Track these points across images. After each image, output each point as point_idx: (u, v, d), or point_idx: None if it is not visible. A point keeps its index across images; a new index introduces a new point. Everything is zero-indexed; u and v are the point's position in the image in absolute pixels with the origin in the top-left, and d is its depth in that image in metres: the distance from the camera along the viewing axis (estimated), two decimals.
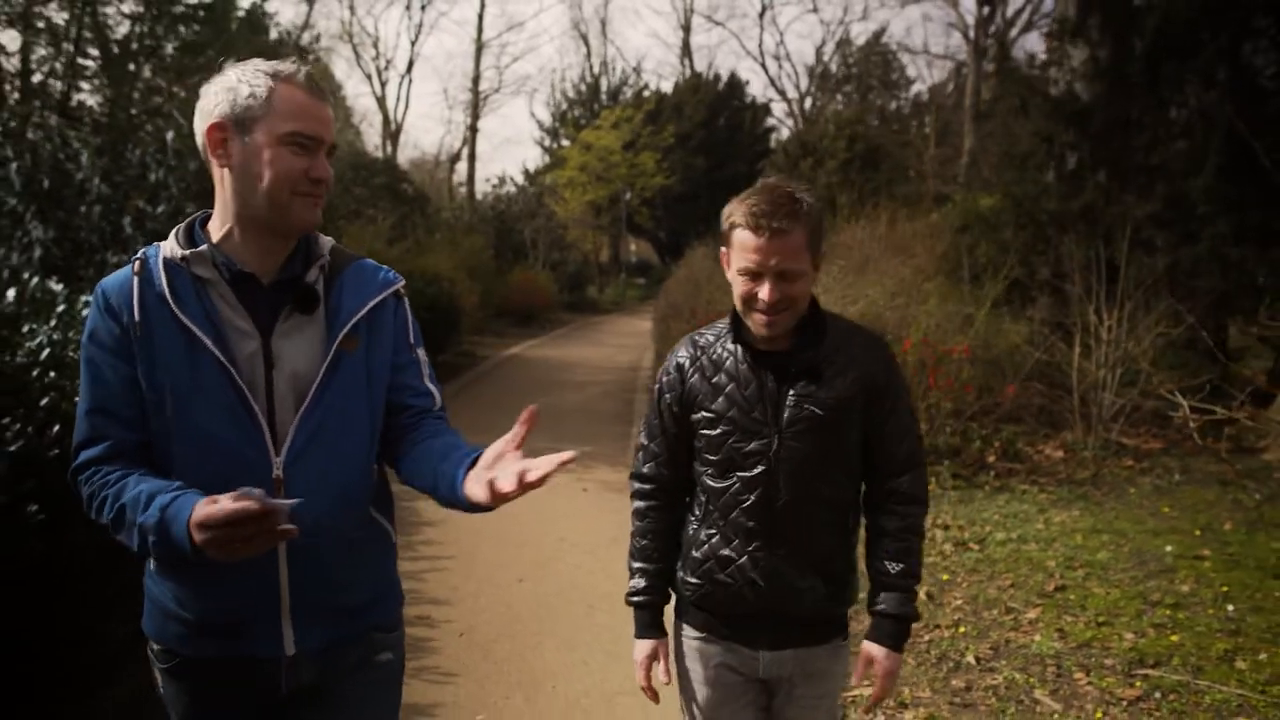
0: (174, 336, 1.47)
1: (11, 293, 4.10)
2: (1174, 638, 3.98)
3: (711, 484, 1.88)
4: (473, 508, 1.42)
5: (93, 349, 1.51)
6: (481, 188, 34.40)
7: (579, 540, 5.48)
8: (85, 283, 5.58)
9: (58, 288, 4.60)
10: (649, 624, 1.98)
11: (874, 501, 1.92)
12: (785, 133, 36.58)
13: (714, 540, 1.88)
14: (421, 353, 1.72)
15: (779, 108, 47.73)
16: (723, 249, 1.86)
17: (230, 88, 1.48)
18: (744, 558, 1.84)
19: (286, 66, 1.52)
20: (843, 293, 7.40)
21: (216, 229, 1.55)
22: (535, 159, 45.56)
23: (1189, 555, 5.05)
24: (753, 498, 1.82)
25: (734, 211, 1.80)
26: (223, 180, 1.51)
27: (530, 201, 28.23)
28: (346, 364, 1.56)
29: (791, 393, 1.81)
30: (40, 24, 10.14)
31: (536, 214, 27.21)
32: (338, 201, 12.14)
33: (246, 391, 1.48)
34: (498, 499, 1.33)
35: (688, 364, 1.93)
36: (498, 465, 1.38)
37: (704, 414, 1.87)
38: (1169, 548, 5.17)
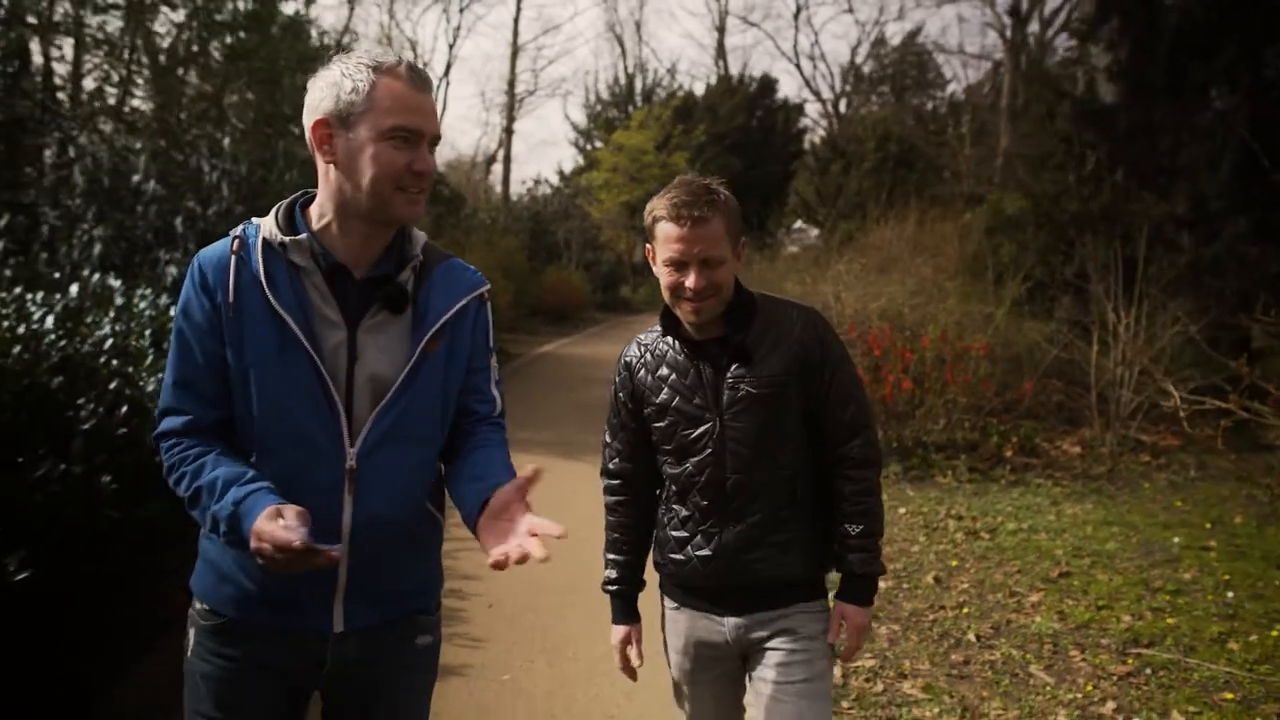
0: (265, 320, 1.49)
1: (74, 288, 4.45)
2: (1170, 620, 4.14)
3: (670, 470, 1.97)
4: None
5: (184, 323, 1.53)
6: (517, 189, 34.83)
7: (602, 525, 5.73)
8: (140, 279, 5.94)
9: (115, 283, 4.94)
10: (622, 610, 2.08)
11: (828, 469, 1.97)
12: (820, 134, 36.58)
13: (672, 522, 1.99)
14: (494, 359, 1.75)
15: (814, 108, 47.65)
16: (647, 245, 1.95)
17: (334, 83, 1.48)
18: (697, 535, 1.94)
19: (388, 59, 1.51)
20: (863, 290, 7.58)
21: (316, 218, 1.56)
22: (570, 160, 45.94)
23: (1196, 546, 5.19)
24: (703, 479, 1.91)
25: (655, 206, 1.89)
26: (327, 175, 1.52)
27: (564, 203, 28.58)
28: (428, 364, 1.58)
29: (728, 376, 1.89)
30: (98, 35, 10.58)
31: (570, 215, 27.56)
32: None
33: (329, 381, 1.50)
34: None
35: (634, 361, 2.02)
36: (504, 515, 1.45)
37: (652, 407, 1.96)
38: (1176, 539, 5.31)
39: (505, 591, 4.49)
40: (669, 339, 1.97)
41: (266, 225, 1.54)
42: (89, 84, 11.91)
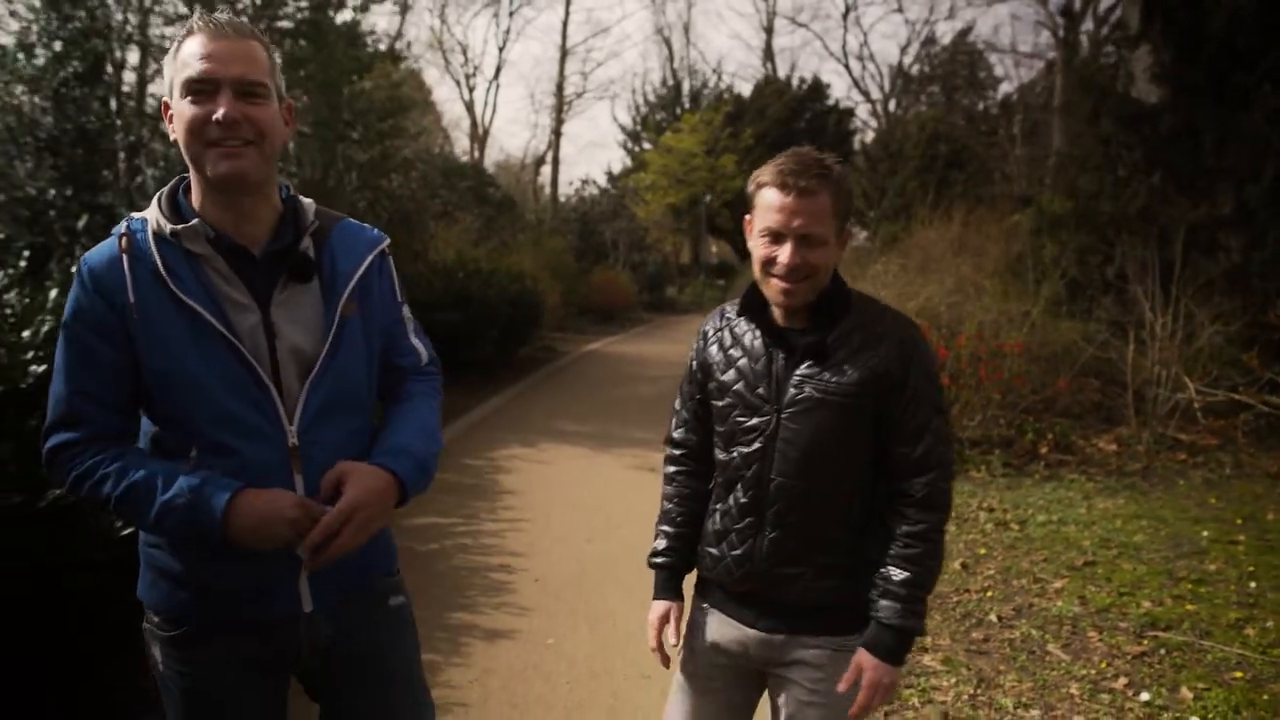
0: (173, 315, 1.44)
1: None
2: (1190, 607, 4.28)
3: (720, 456, 1.87)
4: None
5: (78, 329, 1.45)
6: (565, 190, 35.27)
7: (643, 511, 5.98)
8: None
9: None
10: (664, 585, 1.97)
11: (887, 500, 1.80)
12: (870, 135, 36.46)
13: (714, 514, 1.88)
14: (407, 310, 1.72)
15: (863, 109, 47.48)
16: (746, 216, 1.82)
17: (169, 61, 1.46)
18: (732, 533, 1.83)
19: (198, 19, 1.45)
20: (900, 289, 7.75)
21: (197, 200, 1.51)
22: (618, 162, 46.36)
23: (1224, 540, 5.28)
24: (749, 474, 1.79)
25: (761, 173, 1.76)
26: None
27: (612, 204, 28.94)
28: (347, 329, 1.55)
29: (797, 373, 1.76)
30: (165, 45, 11.09)
31: (618, 215, 27.91)
32: (427, 204, 12.90)
33: (255, 364, 1.46)
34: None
35: (711, 333, 1.93)
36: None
37: (715, 383, 1.87)
38: (1205, 533, 5.41)
39: (550, 568, 4.77)
40: (749, 320, 1.85)
41: (152, 216, 1.48)
42: (160, 88, 12.48)
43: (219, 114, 1.40)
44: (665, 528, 1.99)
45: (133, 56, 11.77)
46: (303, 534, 1.40)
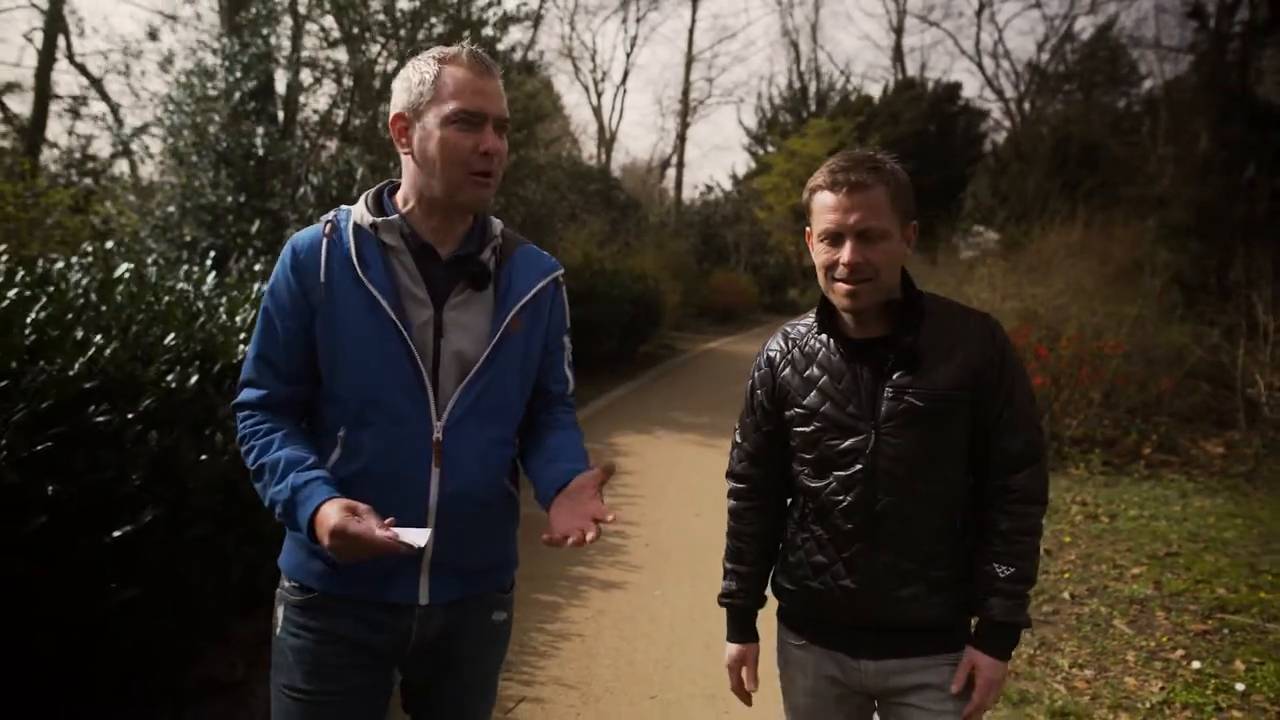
0: (355, 298, 1.54)
1: None
2: (1264, 595, 4.49)
3: (808, 484, 1.77)
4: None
5: (270, 301, 1.59)
6: (689, 193, 35.89)
7: None
8: None
9: None
10: (740, 628, 1.91)
11: (986, 498, 1.74)
12: (1002, 135, 35.54)
13: (808, 545, 1.78)
14: (568, 339, 1.78)
15: (996, 107, 46.18)
16: (807, 229, 1.76)
17: (406, 79, 1.56)
18: (838, 564, 1.73)
19: (452, 49, 1.55)
20: (1004, 291, 7.96)
21: (403, 204, 1.62)
22: (742, 165, 46.69)
23: None
24: (850, 499, 1.69)
25: (814, 179, 1.73)
26: (408, 166, 1.59)
27: (734, 206, 29.38)
28: (510, 343, 1.62)
29: (888, 384, 1.68)
30: (326, 65, 12.21)
31: (741, 218, 28.33)
32: (556, 206, 13.70)
33: (418, 357, 1.54)
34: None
35: (778, 357, 1.83)
36: (579, 496, 1.53)
37: (796, 410, 1.77)
38: None
39: (660, 536, 5.38)
40: (823, 336, 1.77)
41: (357, 210, 1.61)
42: (319, 104, 13.72)
43: (486, 146, 1.53)
44: (737, 567, 1.91)
45: (292, 78, 13.00)
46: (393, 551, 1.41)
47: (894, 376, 1.68)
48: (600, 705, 3.33)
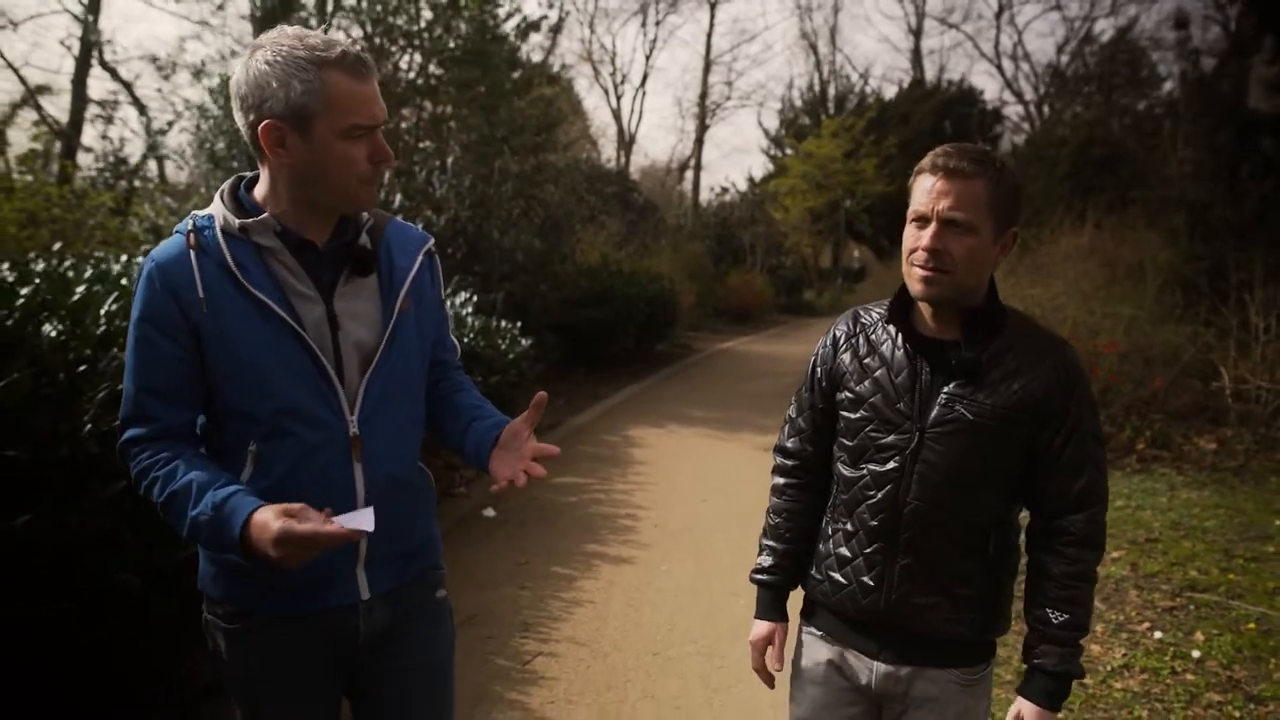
0: (242, 307, 1.47)
1: None
2: (1232, 577, 4.78)
3: (844, 471, 1.76)
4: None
5: (147, 328, 1.48)
6: (707, 195, 36.20)
7: (756, 481, 6.84)
8: None
9: None
10: (769, 605, 1.88)
11: (1039, 537, 1.70)
12: (1021, 138, 35.60)
13: (836, 535, 1.77)
14: (446, 307, 1.78)
15: (1015, 110, 46.21)
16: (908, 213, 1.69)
17: (280, 82, 1.42)
18: (859, 559, 1.72)
19: (329, 50, 1.44)
20: (1002, 292, 8.21)
21: (270, 204, 1.53)
22: (760, 167, 46.99)
23: None
24: (879, 495, 1.68)
25: (921, 163, 1.66)
26: (279, 172, 1.49)
27: (750, 208, 29.71)
28: (404, 323, 1.60)
29: (945, 389, 1.64)
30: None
31: (756, 220, 28.65)
32: (574, 209, 14.05)
33: (319, 354, 1.50)
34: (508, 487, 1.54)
35: (843, 339, 1.81)
36: (513, 443, 1.59)
37: (847, 394, 1.75)
38: (1279, 522, 5.80)
39: (668, 518, 5.75)
40: (891, 327, 1.73)
41: (218, 213, 1.51)
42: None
43: (380, 156, 1.50)
44: (772, 543, 1.89)
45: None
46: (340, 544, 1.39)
47: (951, 384, 1.64)
48: (609, 660, 3.71)
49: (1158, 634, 4.05)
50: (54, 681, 2.69)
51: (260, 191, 1.54)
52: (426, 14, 11.21)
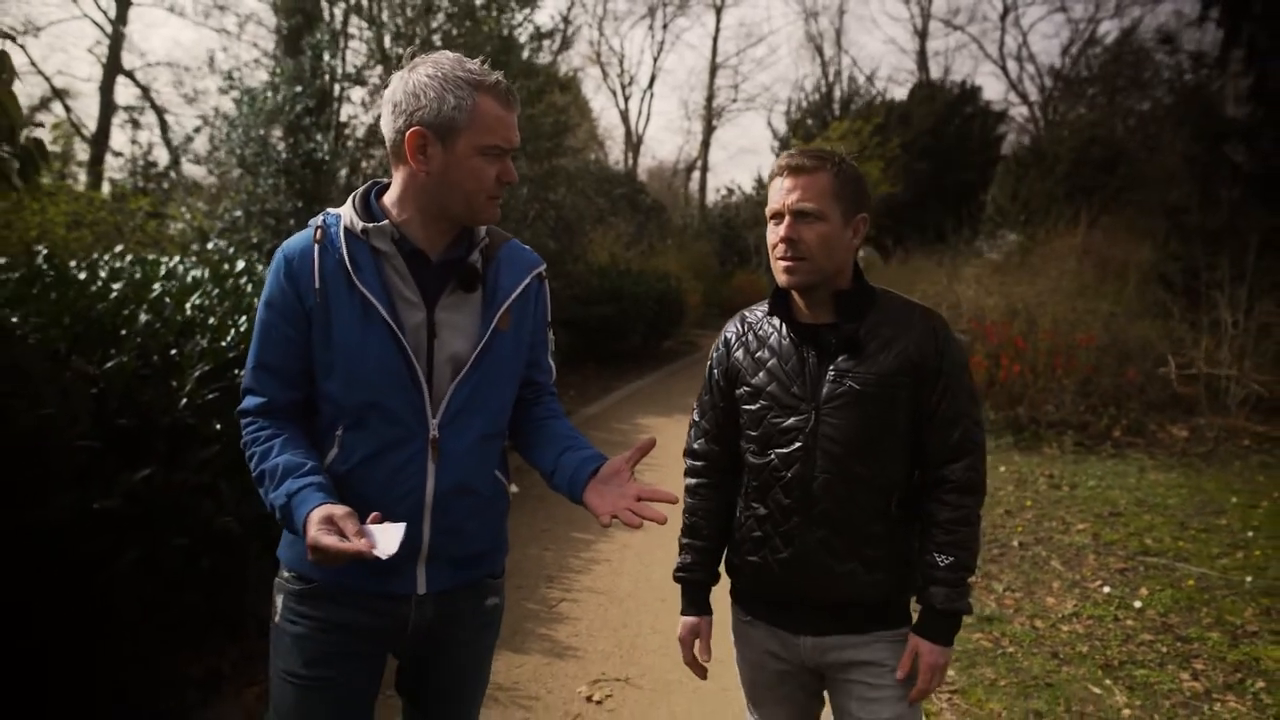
0: (349, 302, 1.57)
1: None
2: (1182, 544, 5.32)
3: (753, 460, 1.85)
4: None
5: (268, 313, 1.62)
6: (713, 197, 36.72)
7: None
8: None
9: None
10: (691, 601, 1.97)
11: (925, 488, 1.82)
12: (1026, 139, 35.96)
13: (750, 521, 1.86)
14: (550, 332, 1.84)
15: (1020, 111, 46.61)
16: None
17: (436, 95, 1.53)
18: (775, 538, 1.81)
19: (486, 75, 1.56)
20: (989, 288, 8.78)
21: (396, 211, 1.63)
22: (768, 168, 47.49)
23: (1247, 505, 6.19)
24: (789, 475, 1.78)
25: (770, 168, 1.81)
26: (414, 178, 1.59)
27: (754, 209, 30.22)
28: (499, 340, 1.66)
29: (831, 368, 1.77)
30: (378, 82, 13.18)
31: (760, 222, 29.12)
32: (585, 211, 14.57)
33: (413, 358, 1.58)
34: (608, 522, 1.59)
35: (734, 338, 1.93)
36: (614, 480, 1.64)
37: (745, 388, 1.86)
38: (1234, 499, 6.32)
39: (676, 492, 6.27)
40: (775, 320, 1.87)
41: (346, 214, 1.63)
42: (368, 117, 14.70)
43: (509, 176, 1.61)
44: (692, 541, 1.97)
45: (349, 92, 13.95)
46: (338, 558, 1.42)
47: (837, 360, 1.77)
48: (624, 605, 4.28)
49: (1106, 589, 4.59)
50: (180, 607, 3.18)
51: (390, 198, 1.65)
52: (445, 26, 11.76)
